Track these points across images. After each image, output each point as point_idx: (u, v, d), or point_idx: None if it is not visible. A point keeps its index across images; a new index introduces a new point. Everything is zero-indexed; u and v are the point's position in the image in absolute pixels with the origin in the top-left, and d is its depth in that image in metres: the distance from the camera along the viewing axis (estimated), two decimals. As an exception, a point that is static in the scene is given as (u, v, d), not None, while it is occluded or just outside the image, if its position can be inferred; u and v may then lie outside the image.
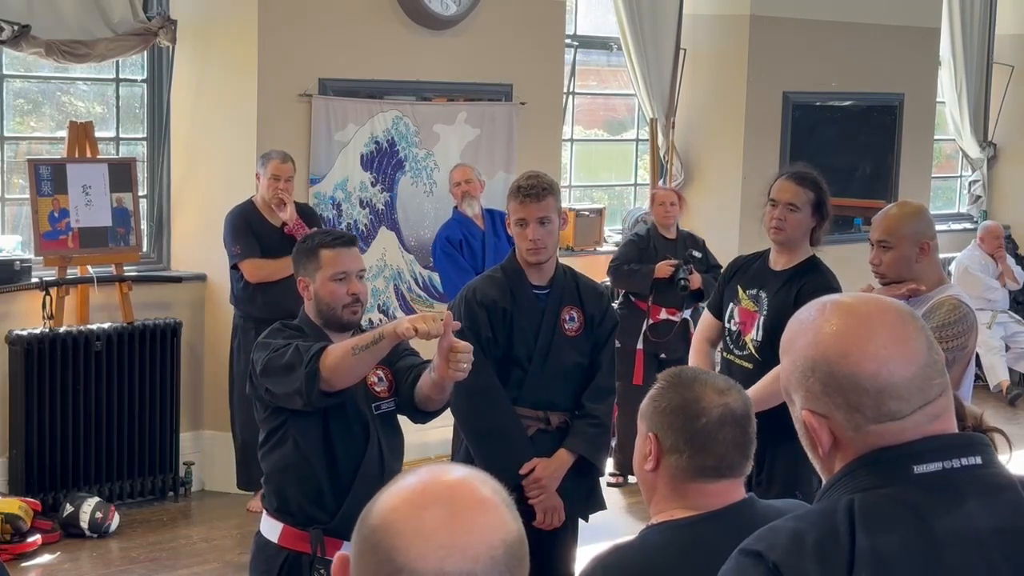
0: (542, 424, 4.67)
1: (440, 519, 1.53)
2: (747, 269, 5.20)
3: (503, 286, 4.66)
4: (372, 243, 7.93)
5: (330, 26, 7.70)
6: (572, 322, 4.67)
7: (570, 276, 4.76)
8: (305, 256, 4.09)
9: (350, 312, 4.06)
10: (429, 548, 1.52)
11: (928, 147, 11.27)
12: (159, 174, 7.81)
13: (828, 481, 1.93)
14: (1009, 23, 12.08)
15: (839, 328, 1.90)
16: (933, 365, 1.90)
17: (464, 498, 1.56)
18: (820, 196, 5.03)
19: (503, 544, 1.55)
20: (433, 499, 1.55)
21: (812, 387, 1.90)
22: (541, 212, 4.54)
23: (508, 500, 1.60)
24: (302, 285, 4.09)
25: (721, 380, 2.62)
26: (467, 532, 1.53)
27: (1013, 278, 10.90)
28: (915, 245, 4.52)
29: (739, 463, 2.57)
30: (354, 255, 4.11)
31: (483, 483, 1.59)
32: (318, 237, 4.14)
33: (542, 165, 8.67)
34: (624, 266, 8.07)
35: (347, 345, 3.79)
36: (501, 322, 4.61)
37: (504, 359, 4.63)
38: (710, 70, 9.80)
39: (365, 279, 4.21)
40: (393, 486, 1.60)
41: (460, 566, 1.52)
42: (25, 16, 7.00)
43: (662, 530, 2.55)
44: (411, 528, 1.53)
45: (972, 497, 1.85)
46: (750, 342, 5.03)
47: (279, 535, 4.01)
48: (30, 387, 7.00)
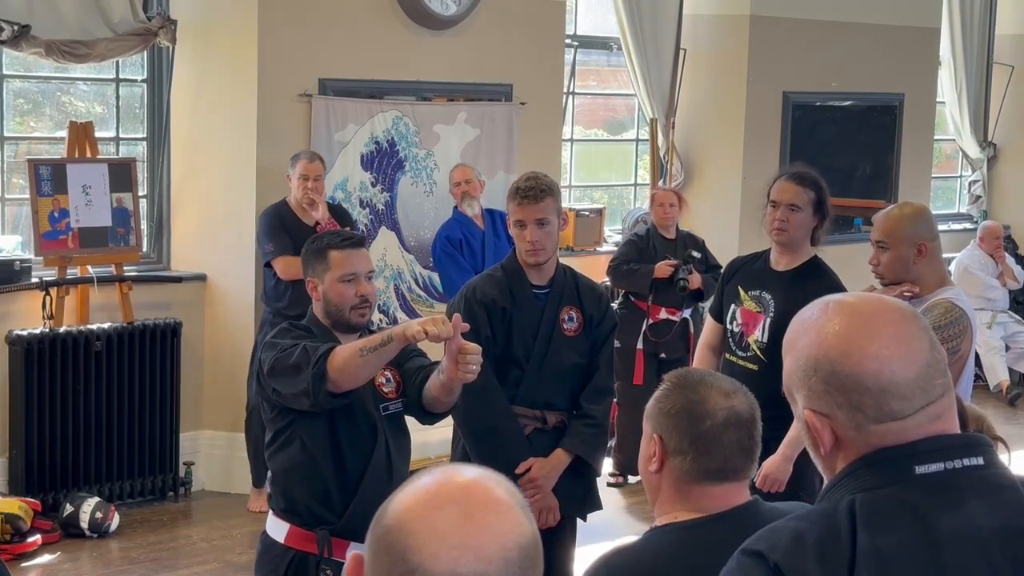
0: (539, 424, 4.68)
1: (454, 520, 1.54)
2: (747, 270, 5.20)
3: (503, 285, 4.67)
4: (372, 243, 7.92)
5: (330, 26, 7.70)
6: (571, 322, 4.67)
7: (570, 276, 4.76)
8: (314, 257, 4.09)
9: (358, 314, 4.05)
10: (442, 548, 1.52)
11: (928, 147, 11.27)
12: (159, 174, 7.81)
13: (830, 481, 1.93)
14: (1009, 23, 12.08)
15: (842, 327, 1.90)
16: (935, 365, 1.89)
17: (478, 499, 1.56)
18: (820, 195, 5.04)
19: (517, 546, 1.55)
20: (447, 500, 1.56)
21: (814, 386, 1.90)
22: (539, 214, 4.55)
23: (523, 502, 1.60)
24: (311, 286, 4.09)
25: (727, 382, 2.61)
26: (481, 533, 1.53)
27: (1013, 278, 10.90)
28: (912, 246, 4.52)
29: (744, 466, 2.56)
30: (363, 256, 4.11)
31: (498, 484, 1.59)
32: (327, 238, 4.14)
33: (542, 165, 8.67)
34: (623, 266, 8.08)
35: (355, 347, 3.78)
36: (500, 321, 4.62)
37: (502, 358, 4.63)
38: (710, 70, 9.80)
39: None
40: (408, 486, 1.60)
41: (473, 567, 1.52)
42: (25, 16, 7.00)
43: (666, 532, 2.55)
44: (425, 528, 1.54)
45: (973, 497, 1.85)
46: (754, 343, 5.03)
47: (285, 535, 4.01)
48: (30, 387, 7.00)
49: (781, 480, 4.84)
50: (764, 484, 4.76)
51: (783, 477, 4.86)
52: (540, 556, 1.59)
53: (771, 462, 4.83)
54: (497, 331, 4.62)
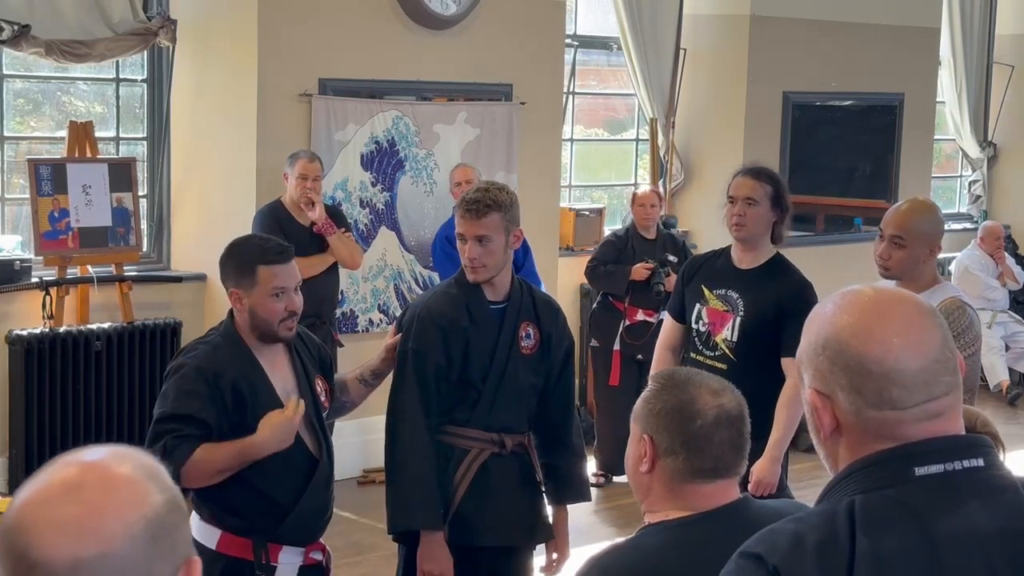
0: (496, 448, 4.35)
1: (69, 506, 1.54)
2: (709, 269, 5.19)
3: (459, 302, 4.35)
4: (372, 243, 7.93)
5: (330, 26, 7.69)
6: (528, 339, 4.41)
7: (526, 290, 4.49)
8: (239, 270, 3.94)
9: (286, 328, 3.95)
10: (60, 538, 1.52)
11: (928, 147, 11.27)
12: (159, 174, 7.81)
13: (830, 482, 1.93)
14: (1009, 23, 12.08)
15: (857, 311, 1.91)
16: (944, 362, 1.89)
17: (92, 481, 1.57)
18: (778, 189, 5.06)
19: (142, 519, 1.56)
20: (61, 488, 1.56)
21: (821, 365, 1.90)
22: (480, 230, 4.22)
23: (154, 473, 1.61)
24: (234, 297, 3.94)
25: (715, 381, 2.62)
26: (98, 514, 1.54)
27: (1013, 278, 10.90)
28: (926, 246, 4.50)
29: (734, 463, 2.57)
30: (291, 270, 3.95)
31: (121, 461, 1.61)
32: (254, 251, 3.96)
33: (542, 165, 8.70)
34: (600, 267, 8.11)
35: (213, 464, 3.84)
36: (458, 341, 4.30)
37: (457, 380, 4.33)
38: (710, 70, 9.80)
39: (367, 279, 4.21)
40: (28, 482, 1.60)
41: (94, 550, 1.52)
42: (25, 16, 7.00)
43: (657, 531, 2.55)
44: (41, 521, 1.54)
45: (973, 499, 1.85)
46: (722, 342, 5.03)
47: (217, 542, 3.94)
48: (30, 387, 7.00)
49: (773, 483, 4.86)
50: (757, 490, 4.77)
51: (774, 479, 4.88)
52: (178, 520, 1.60)
53: (760, 467, 4.84)
54: (454, 353, 4.30)
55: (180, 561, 1.60)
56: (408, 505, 4.26)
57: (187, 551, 1.61)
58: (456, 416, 4.35)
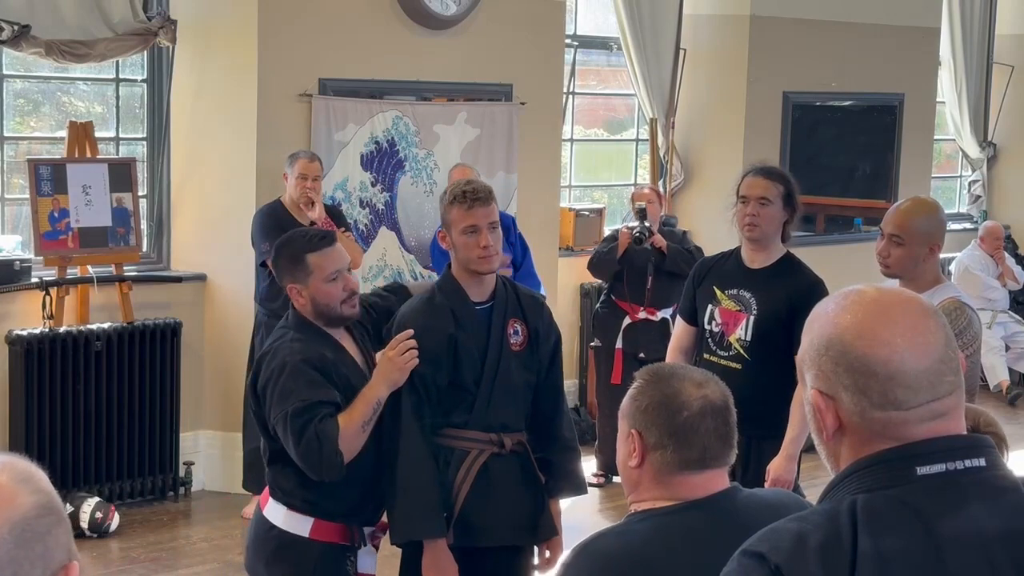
0: (496, 448, 4.33)
1: None
2: (719, 270, 5.19)
3: (443, 310, 4.29)
4: (372, 243, 7.93)
5: (330, 26, 7.69)
6: (516, 336, 4.38)
7: (510, 288, 4.47)
8: (291, 263, 4.13)
9: (349, 307, 4.14)
10: None
11: (928, 147, 11.27)
12: (159, 174, 7.80)
13: (831, 482, 1.93)
14: (1009, 23, 12.08)
15: (860, 312, 1.91)
16: (948, 362, 1.89)
17: None
18: (789, 189, 5.07)
19: (7, 523, 1.58)
20: None
21: (824, 365, 1.90)
22: (492, 216, 4.24)
23: (26, 476, 1.64)
24: (293, 292, 4.12)
25: (698, 373, 2.66)
26: None
27: (1013, 278, 10.91)
28: (926, 246, 4.52)
29: (723, 453, 2.60)
30: (339, 252, 4.17)
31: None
32: (298, 243, 4.16)
33: (542, 165, 8.70)
34: (595, 256, 8.16)
35: (356, 424, 4.02)
36: (445, 350, 4.26)
37: (449, 385, 4.32)
38: (710, 70, 9.80)
39: (367, 280, 4.25)
40: None
41: None
42: (25, 16, 7.00)
43: (643, 518, 2.59)
44: None
45: (975, 499, 1.85)
46: (736, 342, 5.03)
47: (311, 529, 4.10)
48: (30, 387, 7.00)
49: (790, 480, 4.85)
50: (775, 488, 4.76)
51: (791, 477, 4.87)
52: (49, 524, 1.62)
53: (776, 465, 4.84)
54: (443, 361, 4.26)
55: (56, 566, 1.63)
56: (410, 515, 4.26)
57: (64, 556, 1.64)
58: (454, 419, 4.33)
